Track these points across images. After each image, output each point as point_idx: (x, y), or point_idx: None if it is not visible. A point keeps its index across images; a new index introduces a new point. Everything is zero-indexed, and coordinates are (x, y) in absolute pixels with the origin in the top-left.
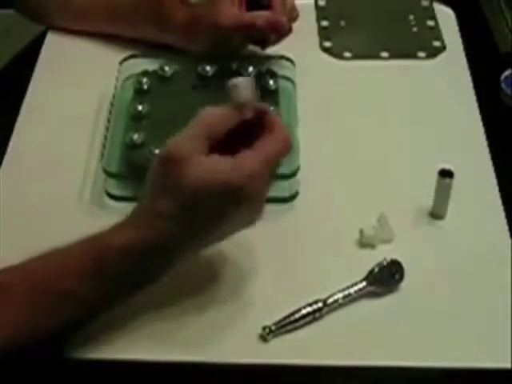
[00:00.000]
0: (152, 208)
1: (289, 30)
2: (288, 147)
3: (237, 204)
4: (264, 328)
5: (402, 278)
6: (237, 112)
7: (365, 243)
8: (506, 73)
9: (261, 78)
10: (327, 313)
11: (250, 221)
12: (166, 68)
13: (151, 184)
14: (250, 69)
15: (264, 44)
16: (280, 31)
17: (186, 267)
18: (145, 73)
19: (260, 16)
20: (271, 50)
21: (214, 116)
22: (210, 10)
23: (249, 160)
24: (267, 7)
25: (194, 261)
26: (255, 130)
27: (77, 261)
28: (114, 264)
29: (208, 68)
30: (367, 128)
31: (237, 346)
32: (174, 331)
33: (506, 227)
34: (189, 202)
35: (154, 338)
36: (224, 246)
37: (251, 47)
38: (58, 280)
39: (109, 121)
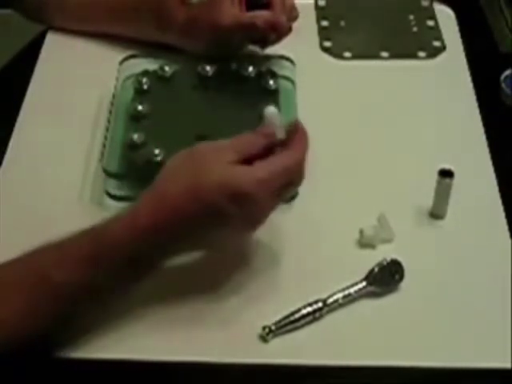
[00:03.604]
0: (156, 191)
1: (288, 30)
2: (298, 169)
3: (240, 207)
4: (264, 328)
5: (402, 277)
6: (266, 135)
7: (365, 243)
8: (506, 73)
9: (261, 78)
10: (327, 313)
11: (247, 228)
12: (166, 68)
13: (162, 172)
14: (250, 69)
15: (264, 44)
16: (280, 31)
17: (185, 267)
18: (145, 73)
19: (260, 16)
20: (271, 50)
21: (243, 136)
22: (210, 10)
23: (259, 169)
24: (267, 7)
25: (194, 261)
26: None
27: (75, 248)
28: (112, 247)
29: (208, 68)
30: (367, 128)
31: (237, 345)
32: (173, 331)
33: (506, 227)
34: (194, 193)
35: (153, 338)
36: (223, 246)
37: (251, 47)
38: (55, 267)
39: (109, 121)
